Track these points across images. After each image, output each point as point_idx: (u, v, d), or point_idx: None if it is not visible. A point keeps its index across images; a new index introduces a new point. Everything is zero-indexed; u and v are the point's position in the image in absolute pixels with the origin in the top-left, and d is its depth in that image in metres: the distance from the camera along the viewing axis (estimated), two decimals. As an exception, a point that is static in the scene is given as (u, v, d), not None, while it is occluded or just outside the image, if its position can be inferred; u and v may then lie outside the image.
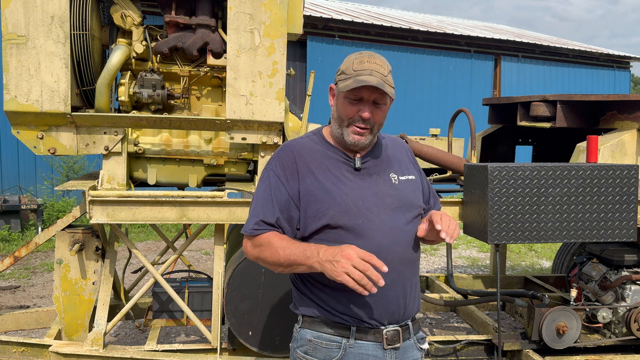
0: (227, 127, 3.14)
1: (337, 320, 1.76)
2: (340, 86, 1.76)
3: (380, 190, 1.81)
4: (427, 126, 5.74)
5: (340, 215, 1.73)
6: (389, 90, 1.73)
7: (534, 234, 3.09)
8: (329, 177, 1.78)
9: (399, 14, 17.00)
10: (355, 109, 1.76)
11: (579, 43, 17.69)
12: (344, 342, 1.75)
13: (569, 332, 3.43)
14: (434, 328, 4.84)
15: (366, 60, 1.75)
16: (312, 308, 1.80)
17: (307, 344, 1.80)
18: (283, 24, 3.06)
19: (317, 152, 1.83)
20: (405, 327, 1.83)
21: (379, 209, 1.78)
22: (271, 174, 1.82)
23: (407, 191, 1.86)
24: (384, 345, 1.76)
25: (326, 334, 1.77)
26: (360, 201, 1.76)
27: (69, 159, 9.18)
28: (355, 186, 1.79)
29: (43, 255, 7.46)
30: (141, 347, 3.23)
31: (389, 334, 1.77)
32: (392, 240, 1.77)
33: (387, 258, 1.69)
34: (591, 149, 3.37)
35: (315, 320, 1.80)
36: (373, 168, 1.85)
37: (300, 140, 1.88)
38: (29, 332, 4.33)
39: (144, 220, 3.10)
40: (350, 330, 1.75)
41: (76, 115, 3.03)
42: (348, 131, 1.78)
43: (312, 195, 1.75)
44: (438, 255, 7.89)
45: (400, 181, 1.87)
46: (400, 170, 1.90)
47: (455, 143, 4.50)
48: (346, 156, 1.83)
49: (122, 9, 3.24)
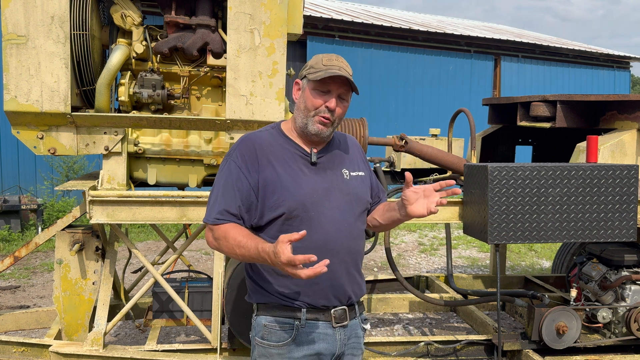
0: (227, 127, 3.14)
1: (288, 303, 1.89)
2: (311, 77, 1.87)
3: (333, 184, 1.94)
4: (427, 126, 5.74)
5: (296, 206, 1.85)
6: (354, 85, 1.89)
7: (534, 234, 3.09)
8: (287, 169, 1.89)
9: (399, 14, 17.00)
10: (322, 100, 1.88)
11: (579, 43, 17.69)
12: (296, 323, 1.88)
13: (569, 332, 3.43)
14: (434, 328, 4.84)
15: (334, 59, 1.89)
16: (265, 296, 1.92)
17: (262, 329, 1.92)
18: (283, 24, 3.06)
19: (276, 145, 1.94)
20: (352, 307, 1.98)
21: (331, 203, 1.90)
22: (232, 165, 1.90)
23: (357, 186, 2.00)
24: (333, 324, 1.91)
25: (279, 317, 1.90)
26: (315, 194, 1.88)
27: (69, 159, 9.17)
28: (311, 180, 1.90)
29: (43, 255, 7.46)
30: (141, 347, 3.23)
31: (337, 313, 1.92)
32: (340, 232, 1.90)
33: (334, 248, 1.88)
34: (591, 149, 3.37)
35: (267, 307, 1.92)
36: (327, 163, 1.97)
37: (259, 134, 1.97)
38: (29, 332, 4.32)
39: (144, 220, 3.10)
40: (301, 311, 1.88)
41: (76, 115, 3.03)
42: (313, 120, 1.90)
43: (270, 186, 1.86)
44: (438, 255, 7.89)
45: (351, 176, 2.00)
46: (351, 166, 2.03)
47: (455, 143, 4.49)
48: (303, 151, 1.95)
49: (122, 9, 3.24)
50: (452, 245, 5.46)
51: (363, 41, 12.33)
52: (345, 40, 12.10)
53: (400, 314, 5.14)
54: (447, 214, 3.43)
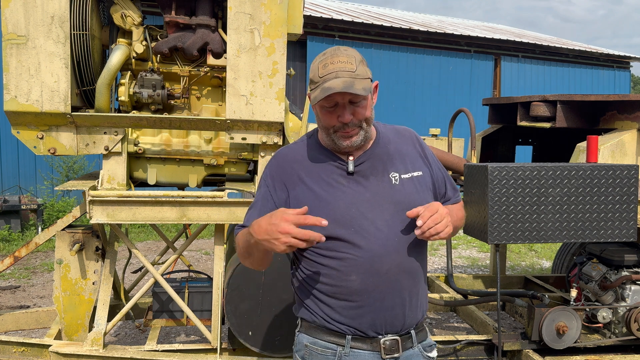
0: (227, 127, 3.14)
1: (333, 327, 1.72)
2: (312, 98, 1.67)
3: (377, 194, 1.71)
4: (427, 126, 5.74)
5: (332, 223, 1.63)
6: (358, 88, 1.61)
7: (534, 234, 3.09)
8: (320, 184, 1.71)
9: (399, 14, 16.99)
10: (335, 116, 1.67)
11: (579, 43, 17.69)
12: (339, 350, 1.71)
13: (569, 332, 3.43)
14: (434, 328, 4.84)
15: (329, 62, 1.65)
16: (310, 313, 1.77)
17: (303, 348, 1.78)
18: (283, 24, 3.06)
19: (310, 157, 1.77)
20: (407, 336, 1.76)
21: (375, 215, 1.68)
22: (262, 184, 1.81)
23: (409, 192, 1.74)
24: (382, 355, 1.71)
25: (322, 340, 1.74)
26: (354, 208, 1.68)
27: (69, 159, 9.17)
28: (349, 192, 1.70)
29: (43, 255, 7.46)
30: (141, 347, 3.23)
31: (387, 344, 1.71)
32: (388, 248, 1.68)
33: (382, 268, 1.66)
34: (591, 149, 3.36)
35: (312, 326, 1.77)
36: (370, 169, 1.74)
37: (292, 147, 1.83)
38: (29, 332, 4.32)
39: (144, 220, 3.10)
40: (345, 338, 1.71)
41: (76, 115, 3.03)
42: (337, 137, 1.70)
43: (302, 204, 1.66)
44: (438, 255, 7.89)
45: (403, 180, 1.75)
46: (403, 167, 1.77)
47: (455, 143, 4.49)
48: (339, 160, 1.75)
49: (122, 9, 3.24)
50: (452, 245, 5.46)
51: (363, 41, 12.33)
52: (345, 40, 12.10)
53: (400, 314, 5.13)
54: (447, 214, 3.42)
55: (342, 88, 1.59)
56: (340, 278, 1.68)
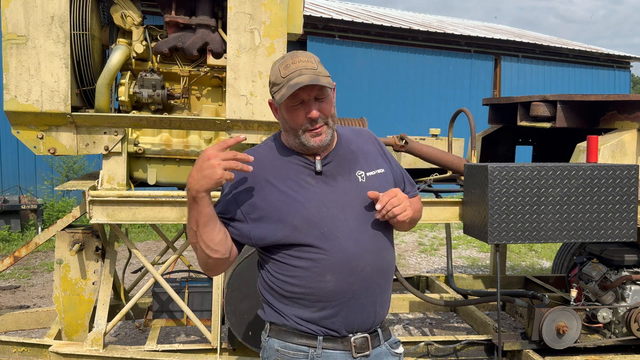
0: (227, 127, 3.14)
1: (304, 329, 1.71)
2: (277, 98, 1.66)
3: (345, 193, 1.72)
4: (427, 126, 5.74)
5: (303, 224, 1.65)
6: (324, 81, 1.63)
7: (534, 234, 3.09)
8: (289, 184, 1.70)
9: (399, 14, 17.00)
10: (302, 114, 1.67)
11: (579, 43, 17.69)
12: (310, 351, 1.70)
13: (569, 332, 3.43)
14: (434, 328, 4.84)
15: (290, 63, 1.66)
16: (280, 316, 1.74)
17: (275, 354, 1.75)
18: (283, 24, 3.06)
19: (276, 159, 1.75)
20: (375, 334, 1.77)
21: (346, 215, 1.69)
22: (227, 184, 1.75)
23: (375, 189, 1.74)
24: (353, 354, 1.71)
25: (293, 343, 1.72)
26: (324, 208, 1.68)
27: (69, 159, 9.18)
28: (318, 191, 1.70)
29: (43, 255, 7.46)
30: (141, 347, 3.23)
31: (357, 342, 1.72)
32: (362, 247, 1.69)
33: (358, 266, 1.67)
34: (591, 149, 3.36)
35: (282, 329, 1.75)
36: (336, 169, 1.75)
37: (257, 149, 1.81)
38: (29, 332, 4.32)
39: (144, 220, 3.10)
40: (317, 339, 1.70)
41: (76, 115, 3.03)
42: (306, 137, 1.69)
43: (271, 205, 1.67)
44: (438, 255, 7.89)
45: (368, 178, 1.77)
46: (367, 165, 1.80)
47: (455, 143, 4.50)
48: (306, 160, 1.74)
49: (122, 9, 3.24)
50: (452, 245, 5.46)
51: (363, 41, 12.33)
52: (345, 40, 12.11)
53: (400, 314, 5.14)
54: (447, 214, 3.43)
55: (309, 81, 1.61)
56: (313, 279, 1.67)
